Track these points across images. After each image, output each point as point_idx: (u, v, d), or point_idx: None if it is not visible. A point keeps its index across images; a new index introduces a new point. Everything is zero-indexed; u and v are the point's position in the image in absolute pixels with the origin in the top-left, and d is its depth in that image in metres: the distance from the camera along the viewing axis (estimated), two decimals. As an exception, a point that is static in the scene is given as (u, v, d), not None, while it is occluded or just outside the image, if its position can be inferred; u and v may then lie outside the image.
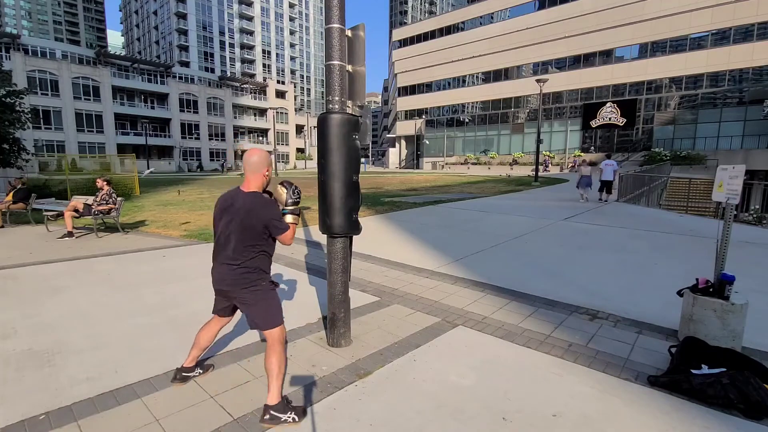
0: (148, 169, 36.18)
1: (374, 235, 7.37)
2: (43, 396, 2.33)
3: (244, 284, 2.21)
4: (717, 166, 3.24)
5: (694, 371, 2.44)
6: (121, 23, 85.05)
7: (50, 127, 41.39)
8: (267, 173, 2.30)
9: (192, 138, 52.70)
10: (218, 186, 20.84)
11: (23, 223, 8.65)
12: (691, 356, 2.60)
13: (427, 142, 48.70)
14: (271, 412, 2.08)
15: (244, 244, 2.19)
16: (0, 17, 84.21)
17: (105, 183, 7.61)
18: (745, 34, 30.48)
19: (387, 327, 3.37)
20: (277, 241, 2.33)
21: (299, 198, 2.39)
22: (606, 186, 12.58)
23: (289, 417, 2.09)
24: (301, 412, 2.16)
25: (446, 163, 45.47)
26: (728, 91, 31.69)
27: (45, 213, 8.20)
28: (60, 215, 8.01)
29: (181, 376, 2.46)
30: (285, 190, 2.35)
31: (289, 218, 2.31)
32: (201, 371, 2.54)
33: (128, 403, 2.26)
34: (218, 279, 2.26)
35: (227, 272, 2.22)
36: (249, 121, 59.79)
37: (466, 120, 46.83)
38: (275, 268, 5.17)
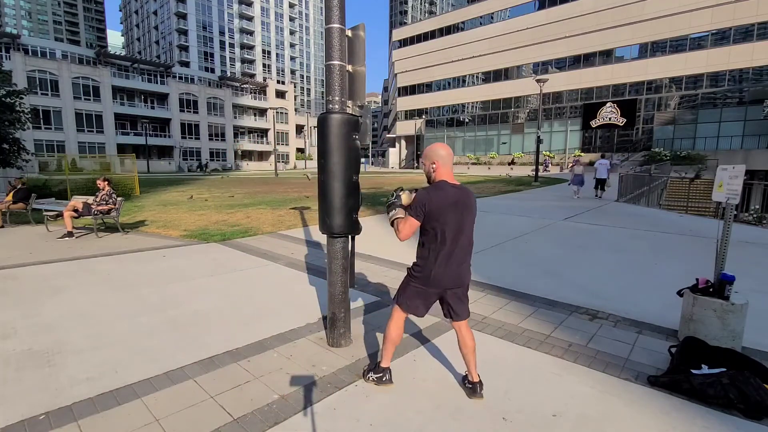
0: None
1: (374, 235, 7.37)
2: (43, 396, 2.32)
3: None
4: (717, 166, 3.24)
5: (694, 371, 2.44)
6: (121, 23, 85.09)
7: (50, 127, 41.42)
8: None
9: (192, 138, 52.71)
10: (219, 186, 20.83)
11: (23, 223, 8.65)
12: (691, 356, 2.60)
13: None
14: None
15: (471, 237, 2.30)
16: (0, 17, 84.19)
17: (105, 183, 7.62)
18: (745, 34, 30.48)
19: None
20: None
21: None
22: (600, 183, 13.57)
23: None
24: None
25: (446, 163, 45.37)
26: (728, 91, 31.69)
27: (45, 213, 8.20)
28: (60, 215, 8.01)
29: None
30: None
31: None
32: None
33: (128, 403, 2.26)
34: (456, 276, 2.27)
35: (466, 270, 2.31)
36: (249, 121, 59.82)
37: (466, 120, 46.84)
38: (275, 268, 5.19)
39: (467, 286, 2.34)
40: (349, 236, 2.99)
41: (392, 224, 2.29)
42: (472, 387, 2.36)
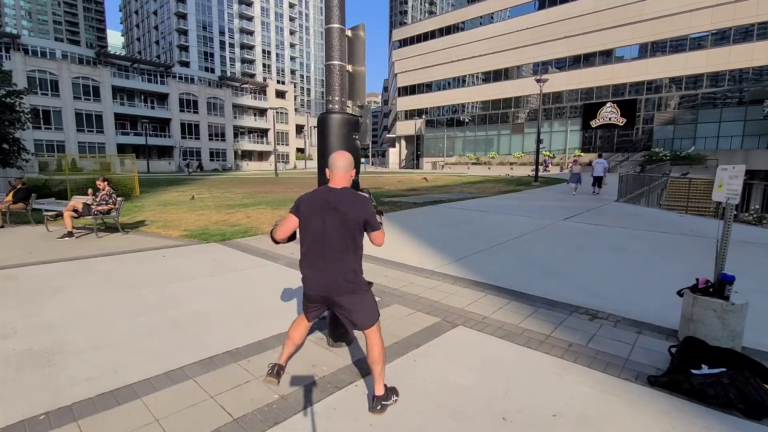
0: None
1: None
2: (43, 396, 2.32)
3: (357, 288, 2.27)
4: (717, 166, 3.24)
5: (694, 371, 2.44)
6: (121, 23, 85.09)
7: (50, 127, 41.42)
8: (351, 176, 2.30)
9: (192, 138, 52.69)
10: (219, 186, 20.83)
11: (23, 223, 8.65)
12: (691, 356, 2.60)
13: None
14: None
15: (347, 242, 2.21)
16: (0, 17, 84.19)
17: (105, 183, 7.62)
18: (745, 34, 30.48)
19: (387, 327, 3.37)
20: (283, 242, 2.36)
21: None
22: (597, 181, 14.58)
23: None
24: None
25: (446, 163, 45.48)
26: (728, 91, 31.69)
27: (45, 213, 8.20)
28: (60, 215, 8.01)
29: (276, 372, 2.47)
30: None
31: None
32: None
33: (128, 403, 2.26)
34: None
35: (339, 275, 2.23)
36: (249, 121, 59.81)
37: (466, 120, 46.83)
38: (275, 268, 5.19)
39: (349, 293, 2.18)
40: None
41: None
42: (373, 399, 2.23)
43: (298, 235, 2.29)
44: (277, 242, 2.31)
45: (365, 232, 2.22)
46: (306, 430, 2.07)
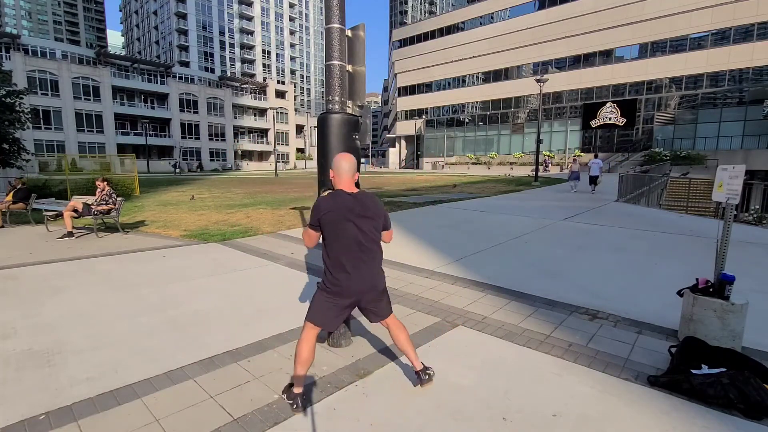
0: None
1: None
2: (43, 396, 2.32)
3: (384, 284, 2.47)
4: (717, 166, 3.24)
5: (694, 371, 2.44)
6: (121, 23, 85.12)
7: (50, 127, 41.44)
8: (355, 178, 2.38)
9: (192, 138, 52.68)
10: (219, 186, 20.84)
11: (23, 223, 8.65)
12: (691, 356, 2.59)
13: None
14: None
15: (377, 243, 2.35)
16: (0, 17, 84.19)
17: (105, 183, 7.62)
18: (745, 34, 30.48)
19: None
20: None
21: None
22: (593, 180, 15.49)
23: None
24: None
25: (446, 163, 45.50)
26: (728, 91, 31.69)
27: (45, 213, 8.20)
28: (60, 215, 8.01)
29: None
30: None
31: None
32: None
33: (128, 403, 2.26)
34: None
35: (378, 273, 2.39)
36: (249, 121, 59.82)
37: (466, 120, 46.84)
38: (274, 268, 5.19)
39: (382, 290, 2.39)
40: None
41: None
42: (417, 375, 2.38)
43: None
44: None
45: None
46: (306, 430, 2.07)
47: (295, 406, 2.20)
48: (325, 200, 2.21)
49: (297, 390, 2.23)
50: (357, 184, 2.37)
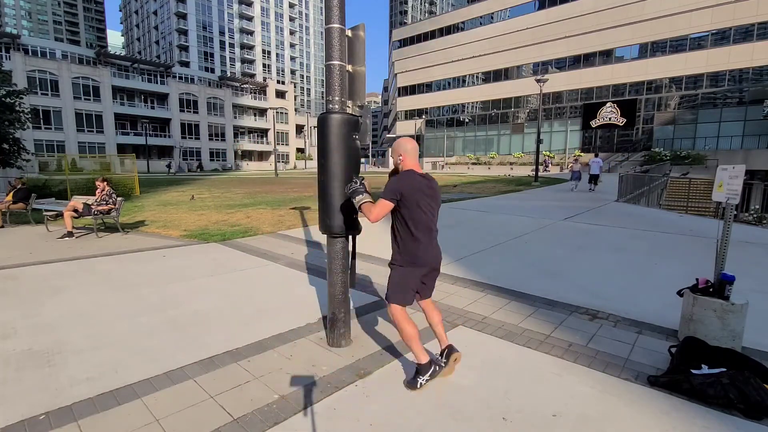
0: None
1: (374, 235, 7.36)
2: (43, 396, 2.32)
3: None
4: (717, 166, 3.24)
5: (694, 371, 2.44)
6: (121, 23, 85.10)
7: (50, 127, 41.42)
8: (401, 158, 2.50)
9: (192, 138, 52.67)
10: (219, 186, 20.83)
11: (23, 223, 8.65)
12: (691, 356, 2.59)
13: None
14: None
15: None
16: (0, 17, 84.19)
17: (105, 184, 7.62)
18: (745, 34, 30.48)
19: (387, 327, 3.37)
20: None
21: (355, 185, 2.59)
22: (593, 178, 16.22)
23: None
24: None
25: (446, 163, 45.49)
26: (728, 91, 31.69)
27: (45, 213, 8.19)
28: (60, 215, 8.01)
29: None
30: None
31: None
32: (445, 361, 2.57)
33: (128, 403, 2.26)
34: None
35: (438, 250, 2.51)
36: (249, 121, 59.81)
37: (466, 120, 46.84)
38: (275, 268, 5.19)
39: (439, 266, 2.58)
40: (350, 236, 2.99)
41: (359, 208, 2.49)
42: (448, 351, 2.52)
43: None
44: (372, 222, 2.44)
45: None
46: (306, 430, 2.07)
47: (433, 370, 2.42)
48: (408, 176, 2.37)
49: (424, 359, 2.42)
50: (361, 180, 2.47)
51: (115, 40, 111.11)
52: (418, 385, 2.39)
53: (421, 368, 2.41)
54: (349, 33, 2.98)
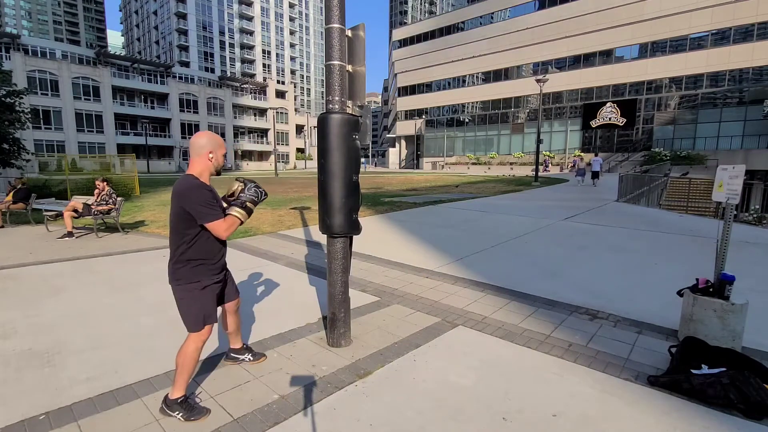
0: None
1: (374, 235, 7.37)
2: (43, 396, 2.33)
3: (174, 278, 2.29)
4: (717, 166, 3.24)
5: (694, 371, 2.44)
6: (121, 23, 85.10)
7: (50, 127, 41.41)
8: (212, 157, 2.17)
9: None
10: (218, 186, 20.79)
11: (23, 223, 8.65)
12: (691, 356, 2.60)
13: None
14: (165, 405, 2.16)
15: (176, 231, 2.18)
16: (0, 17, 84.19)
17: (105, 184, 7.62)
18: (745, 34, 30.48)
19: (387, 327, 3.37)
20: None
21: (257, 198, 2.28)
22: (595, 175, 18.85)
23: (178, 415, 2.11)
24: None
25: (446, 163, 45.49)
26: (728, 91, 31.68)
27: (45, 213, 8.20)
28: (60, 215, 8.01)
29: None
30: (242, 186, 2.30)
31: (232, 210, 2.22)
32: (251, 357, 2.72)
33: (128, 403, 2.26)
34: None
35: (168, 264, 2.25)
36: (249, 121, 59.80)
37: (466, 120, 46.82)
38: (275, 268, 5.18)
39: None
40: (349, 236, 2.99)
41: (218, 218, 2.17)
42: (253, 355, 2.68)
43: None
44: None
45: None
46: (306, 430, 2.07)
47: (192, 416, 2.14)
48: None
49: (180, 393, 2.18)
50: (356, 185, 2.36)
51: (115, 40, 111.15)
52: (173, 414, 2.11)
53: (181, 403, 2.14)
54: (349, 33, 2.98)
